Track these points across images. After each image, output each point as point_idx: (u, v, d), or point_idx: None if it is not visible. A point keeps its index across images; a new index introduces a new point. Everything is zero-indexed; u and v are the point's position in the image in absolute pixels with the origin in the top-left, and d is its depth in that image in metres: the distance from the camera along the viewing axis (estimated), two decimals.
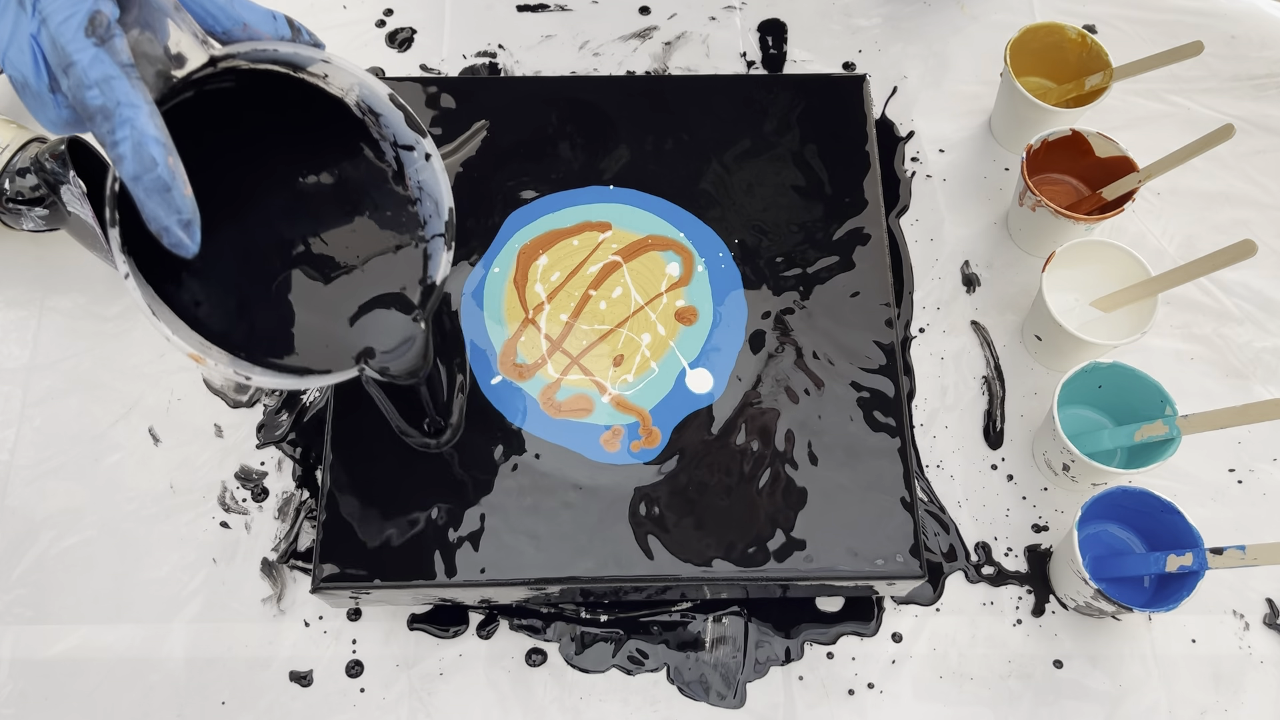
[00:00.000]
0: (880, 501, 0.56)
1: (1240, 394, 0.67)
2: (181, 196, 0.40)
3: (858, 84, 0.68)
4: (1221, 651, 0.60)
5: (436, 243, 0.51)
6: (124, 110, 0.38)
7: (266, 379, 0.47)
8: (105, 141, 0.39)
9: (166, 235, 0.41)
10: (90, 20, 0.38)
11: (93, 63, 0.38)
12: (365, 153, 0.51)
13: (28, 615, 0.61)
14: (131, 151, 0.39)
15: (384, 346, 0.50)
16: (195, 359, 0.45)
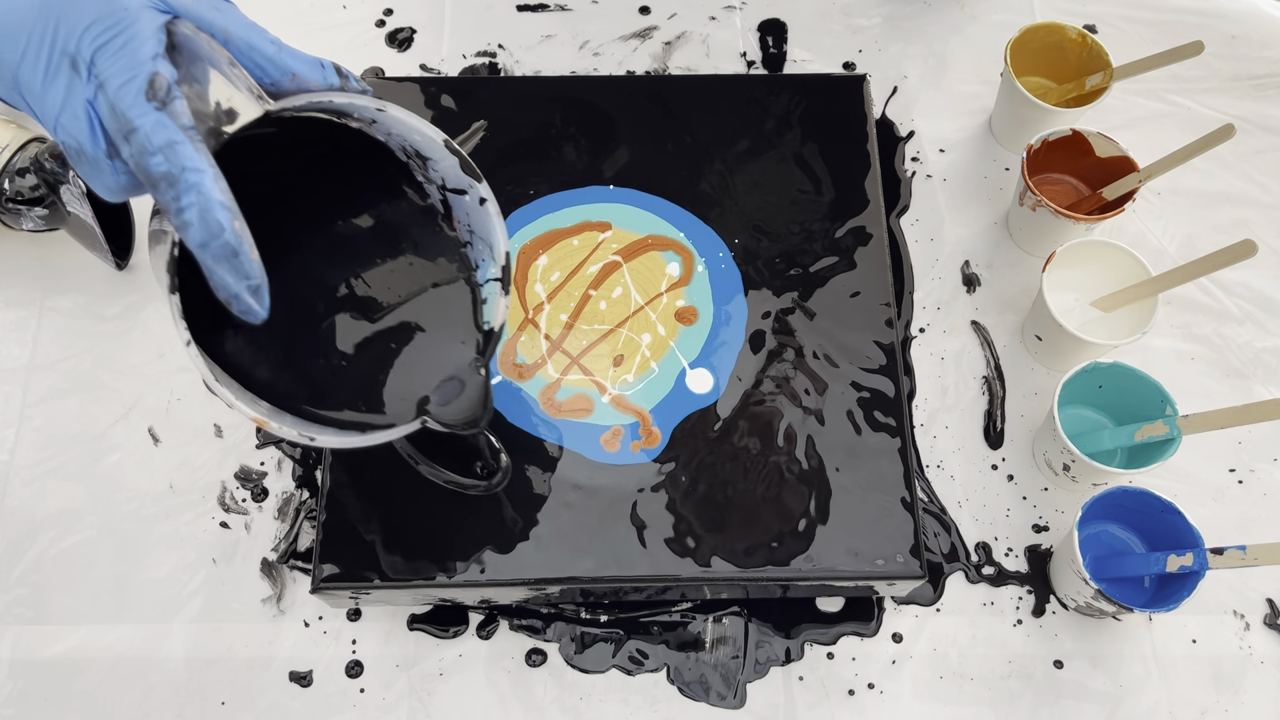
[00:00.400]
0: (880, 501, 0.56)
1: (1241, 394, 0.67)
2: (249, 261, 0.39)
3: (858, 84, 0.68)
4: (1222, 652, 0.60)
5: (491, 287, 0.50)
6: (189, 176, 0.37)
7: (332, 439, 0.46)
8: (169, 208, 0.38)
9: (236, 303, 0.40)
10: (150, 83, 0.37)
11: (156, 128, 0.37)
12: (409, 195, 0.50)
13: (27, 615, 0.61)
14: (198, 218, 0.37)
15: (444, 397, 0.49)
16: (260, 423, 0.44)
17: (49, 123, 0.38)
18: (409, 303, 0.50)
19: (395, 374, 0.49)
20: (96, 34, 0.37)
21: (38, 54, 0.37)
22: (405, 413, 0.49)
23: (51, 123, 0.38)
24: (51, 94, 0.38)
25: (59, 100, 0.38)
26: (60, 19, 0.37)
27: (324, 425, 0.47)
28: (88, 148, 0.38)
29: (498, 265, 0.49)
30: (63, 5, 0.37)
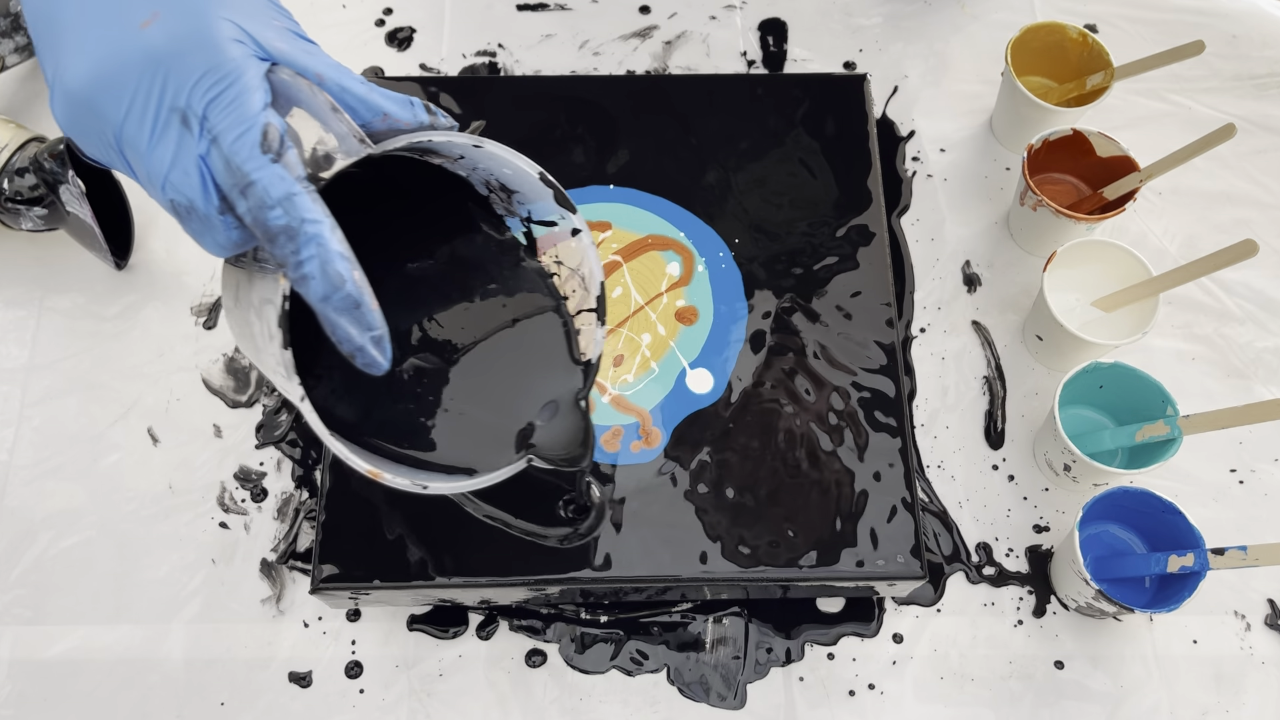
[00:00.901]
0: (881, 502, 0.56)
1: (1241, 394, 0.67)
2: (370, 312, 0.38)
3: (858, 83, 0.67)
4: (1223, 652, 0.60)
5: (585, 318, 0.49)
6: (308, 228, 0.36)
7: (443, 485, 0.45)
8: (287, 262, 0.36)
9: (360, 355, 0.39)
10: (264, 135, 0.35)
11: (274, 181, 0.35)
12: (486, 230, 0.49)
13: (26, 616, 0.61)
14: (319, 271, 0.36)
15: (546, 433, 0.47)
16: (374, 476, 0.43)
17: (156, 180, 0.37)
18: (496, 340, 0.48)
19: (491, 414, 0.48)
20: (207, 87, 0.35)
21: (144, 110, 0.36)
22: (506, 452, 0.47)
23: (159, 181, 0.36)
24: (160, 151, 0.36)
25: (168, 157, 0.36)
26: (169, 73, 0.35)
27: (431, 471, 0.46)
28: (199, 205, 0.36)
29: (592, 295, 0.48)
30: (170, 59, 0.35)
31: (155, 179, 0.37)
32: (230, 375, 0.67)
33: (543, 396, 0.48)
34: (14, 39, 0.72)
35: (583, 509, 0.53)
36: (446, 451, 0.47)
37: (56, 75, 0.37)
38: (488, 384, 0.48)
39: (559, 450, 0.47)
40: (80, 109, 0.36)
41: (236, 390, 0.66)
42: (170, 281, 0.70)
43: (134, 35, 0.36)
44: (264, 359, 0.42)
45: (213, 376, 0.67)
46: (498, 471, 0.46)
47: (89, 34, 0.36)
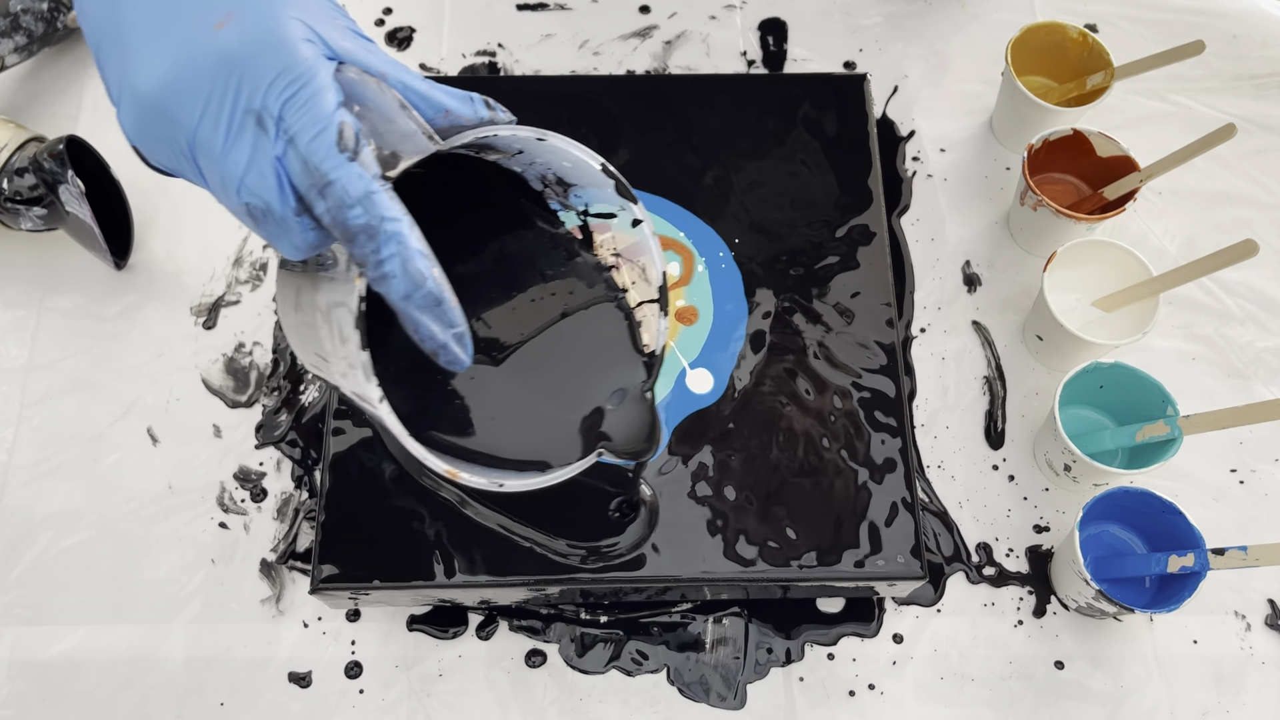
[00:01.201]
0: (881, 502, 0.56)
1: (1242, 394, 0.67)
2: (452, 309, 0.38)
3: (858, 83, 0.67)
4: (1223, 652, 0.60)
5: (646, 309, 0.48)
6: (387, 226, 0.36)
7: (518, 482, 0.44)
8: (366, 262, 0.36)
9: (444, 353, 0.38)
10: (339, 134, 0.35)
11: (353, 180, 0.35)
12: (540, 225, 0.48)
13: (26, 616, 0.61)
14: (401, 269, 0.36)
15: (612, 426, 0.47)
16: (451, 475, 0.43)
17: (231, 184, 0.36)
18: (556, 336, 0.48)
19: (556, 409, 0.48)
20: (282, 87, 0.35)
21: (219, 113, 0.35)
22: (575, 447, 0.47)
23: (235, 184, 0.36)
24: (235, 154, 0.36)
25: (244, 160, 0.36)
26: (243, 75, 0.35)
27: (504, 469, 0.46)
28: (276, 206, 0.36)
29: (653, 286, 0.48)
30: (244, 60, 0.35)
31: (230, 183, 0.36)
32: (230, 375, 0.67)
33: (608, 390, 0.48)
34: (14, 39, 0.72)
35: (634, 506, 0.53)
36: (513, 448, 0.47)
37: (124, 83, 0.36)
38: (551, 380, 0.48)
39: (628, 443, 0.47)
40: (152, 116, 0.36)
41: (236, 390, 0.66)
42: (170, 282, 0.70)
43: (207, 38, 0.35)
44: (332, 364, 0.41)
45: (212, 376, 0.67)
46: (570, 467, 0.46)
47: (160, 39, 0.36)
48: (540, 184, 0.48)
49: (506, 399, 0.47)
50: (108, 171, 0.68)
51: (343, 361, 0.40)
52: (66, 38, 0.75)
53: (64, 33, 0.74)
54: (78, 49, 0.77)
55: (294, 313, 0.44)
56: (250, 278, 0.70)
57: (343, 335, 0.39)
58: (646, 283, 0.48)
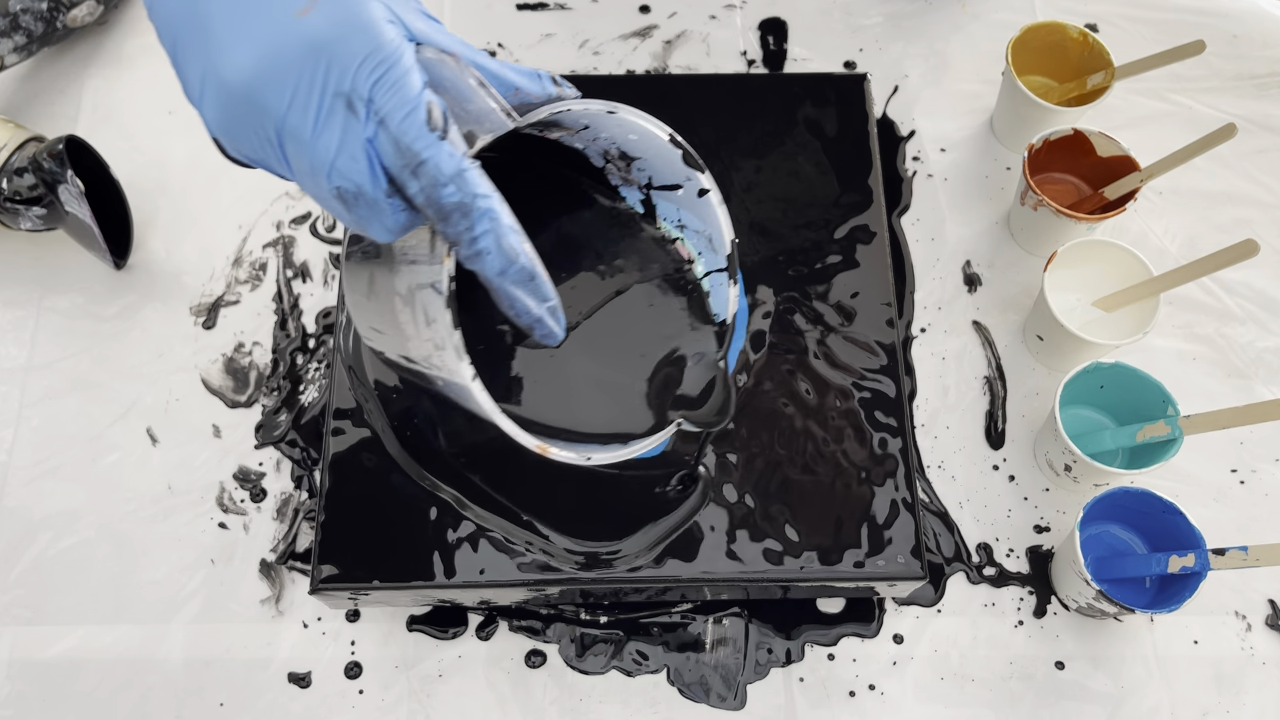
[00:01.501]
0: (881, 502, 0.56)
1: (1242, 394, 0.66)
2: (545, 283, 0.38)
3: (859, 83, 0.67)
4: (1224, 652, 0.60)
5: (716, 278, 0.49)
6: (479, 203, 0.36)
7: (605, 455, 0.45)
8: (460, 239, 0.37)
9: (539, 327, 0.39)
10: (428, 114, 0.35)
11: (446, 158, 0.36)
12: (600, 201, 0.49)
13: (25, 616, 0.61)
14: (495, 246, 0.37)
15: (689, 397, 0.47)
16: (541, 451, 0.43)
17: (321, 169, 0.36)
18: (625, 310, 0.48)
19: (630, 382, 0.48)
20: (370, 69, 0.35)
21: (308, 98, 0.35)
22: (649, 418, 0.47)
23: (325, 169, 0.36)
24: (326, 138, 0.36)
25: (334, 144, 0.36)
26: (331, 59, 0.35)
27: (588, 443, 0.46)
28: (368, 189, 0.36)
29: (722, 255, 0.48)
30: (332, 45, 0.35)
31: (320, 168, 0.36)
32: (229, 375, 0.67)
33: (681, 360, 0.48)
34: (13, 39, 0.71)
35: (694, 479, 0.54)
36: (591, 423, 0.47)
37: (209, 75, 0.36)
38: (623, 354, 0.48)
39: (704, 412, 0.47)
40: (239, 106, 0.36)
41: (235, 390, 0.66)
42: (169, 282, 0.70)
43: (293, 25, 0.35)
44: (415, 345, 0.42)
45: (212, 376, 0.67)
46: (651, 438, 0.46)
47: (245, 29, 0.36)
48: (602, 160, 0.48)
49: (580, 375, 0.48)
50: (107, 171, 0.68)
51: (428, 343, 0.40)
52: (66, 37, 0.75)
53: (63, 32, 0.74)
54: (77, 49, 0.77)
55: (366, 300, 0.44)
56: (250, 278, 0.70)
57: (428, 317, 0.39)
58: (713, 252, 0.48)
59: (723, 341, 0.49)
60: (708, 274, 0.49)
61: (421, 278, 0.39)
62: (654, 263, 0.49)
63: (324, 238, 0.71)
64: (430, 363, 0.41)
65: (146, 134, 0.74)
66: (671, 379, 0.48)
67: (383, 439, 0.57)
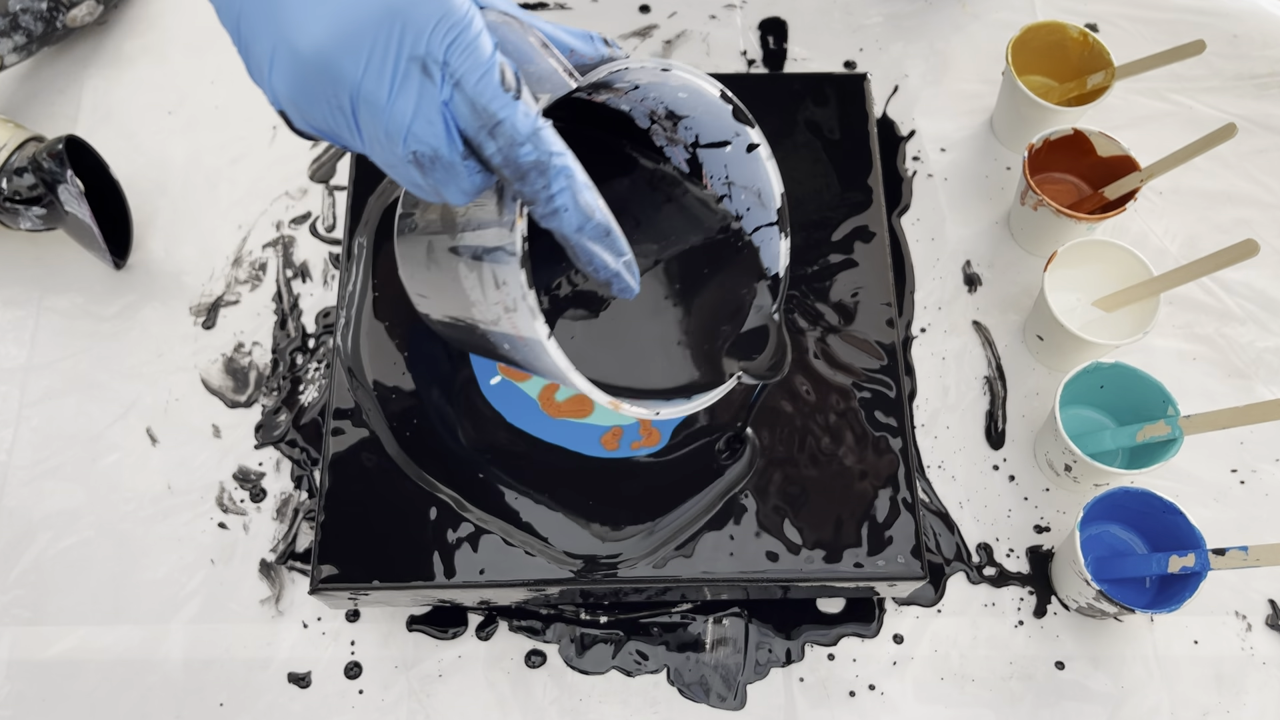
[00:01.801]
0: (881, 502, 0.56)
1: (1242, 394, 0.66)
2: (619, 238, 0.38)
3: (859, 82, 0.67)
4: (1224, 653, 0.60)
5: (766, 232, 0.49)
6: (555, 161, 0.36)
7: (672, 409, 0.45)
8: (537, 198, 0.37)
9: (616, 281, 0.39)
10: (501, 75, 0.36)
11: (522, 118, 0.36)
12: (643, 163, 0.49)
13: (25, 616, 0.61)
14: (573, 202, 0.37)
15: (746, 350, 0.48)
16: (613, 406, 0.44)
17: (397, 134, 0.36)
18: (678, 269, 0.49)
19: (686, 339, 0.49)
20: (444, 32, 0.35)
21: (383, 63, 0.35)
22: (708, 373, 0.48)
23: (401, 134, 0.36)
24: (402, 103, 0.36)
25: (410, 108, 0.36)
26: (406, 23, 0.35)
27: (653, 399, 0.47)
28: (444, 151, 0.37)
29: (772, 209, 0.48)
30: (406, 9, 0.35)
31: (397, 133, 0.36)
32: (229, 375, 0.67)
33: (735, 316, 0.49)
34: (13, 38, 0.71)
35: (741, 440, 0.54)
36: (653, 380, 0.48)
37: (279, 46, 0.36)
38: (679, 311, 0.49)
39: (761, 366, 0.48)
40: (312, 75, 0.36)
41: (235, 390, 0.66)
42: (169, 281, 0.70)
43: None
44: (482, 310, 0.42)
45: (211, 376, 0.67)
46: (712, 392, 0.47)
47: None
48: (648, 121, 0.48)
49: (639, 334, 0.48)
50: (107, 171, 0.68)
51: (496, 306, 0.41)
52: (66, 37, 0.75)
53: (63, 32, 0.74)
54: (77, 49, 0.77)
55: (425, 270, 0.45)
56: (250, 278, 0.70)
57: (498, 280, 0.40)
58: (762, 207, 0.49)
59: (775, 295, 0.49)
60: (757, 229, 0.50)
61: (489, 242, 0.40)
62: (703, 221, 0.50)
63: (324, 238, 0.71)
64: (500, 325, 0.42)
65: (146, 134, 0.74)
66: (727, 333, 0.49)
67: (382, 440, 0.57)
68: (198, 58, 0.77)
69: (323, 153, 0.74)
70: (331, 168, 0.73)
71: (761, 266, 0.49)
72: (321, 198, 0.72)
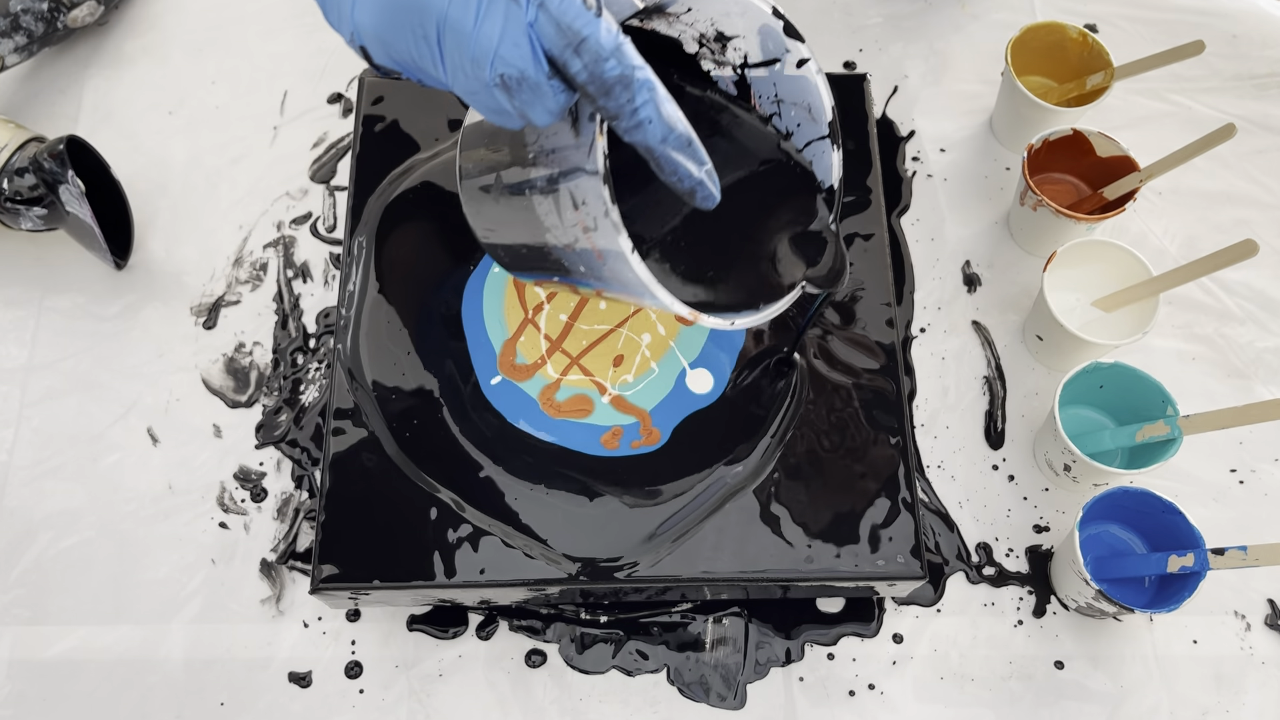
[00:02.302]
0: (881, 502, 0.56)
1: (1242, 394, 0.67)
2: (700, 147, 0.40)
3: (858, 83, 0.67)
4: (1223, 652, 0.60)
5: (816, 147, 0.50)
6: (638, 74, 0.38)
7: (747, 319, 0.47)
8: (621, 112, 0.38)
9: (700, 189, 0.41)
10: None
11: (605, 34, 0.37)
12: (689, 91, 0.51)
13: (26, 616, 0.61)
14: (656, 114, 0.38)
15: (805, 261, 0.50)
16: (693, 317, 0.45)
17: (484, 59, 0.37)
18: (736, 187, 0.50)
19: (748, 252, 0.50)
20: None
21: None
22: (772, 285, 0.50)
23: (488, 58, 0.37)
24: (488, 27, 0.37)
25: (497, 32, 0.37)
26: None
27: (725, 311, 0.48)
28: (530, 72, 0.38)
29: (823, 123, 0.50)
30: None
31: (483, 58, 0.37)
32: (230, 375, 0.67)
33: (794, 229, 0.50)
34: (14, 39, 0.72)
35: (790, 364, 0.56)
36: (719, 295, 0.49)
37: None
38: (741, 227, 0.50)
39: (821, 273, 0.49)
40: (398, 6, 0.38)
41: (236, 390, 0.66)
42: (170, 281, 0.70)
43: None
44: (557, 234, 0.44)
45: (212, 376, 0.67)
46: (779, 303, 0.49)
47: None
48: (696, 45, 0.49)
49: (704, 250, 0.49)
50: (108, 171, 0.68)
51: (575, 228, 0.42)
52: (66, 37, 0.75)
53: (64, 33, 0.74)
54: (78, 49, 0.77)
55: (494, 203, 0.46)
56: (250, 278, 0.70)
57: (575, 201, 0.42)
58: (813, 121, 0.50)
59: (831, 206, 0.51)
60: (808, 144, 0.51)
61: (566, 164, 0.41)
62: (755, 141, 0.51)
63: (324, 238, 0.71)
64: (578, 245, 0.43)
65: (147, 134, 0.74)
66: (788, 246, 0.50)
67: (381, 441, 0.57)
68: (198, 58, 0.77)
69: (323, 153, 0.74)
70: (332, 168, 0.73)
71: (815, 180, 0.51)
72: (322, 198, 0.72)
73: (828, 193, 0.51)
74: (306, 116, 0.75)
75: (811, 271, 0.50)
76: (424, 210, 0.62)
